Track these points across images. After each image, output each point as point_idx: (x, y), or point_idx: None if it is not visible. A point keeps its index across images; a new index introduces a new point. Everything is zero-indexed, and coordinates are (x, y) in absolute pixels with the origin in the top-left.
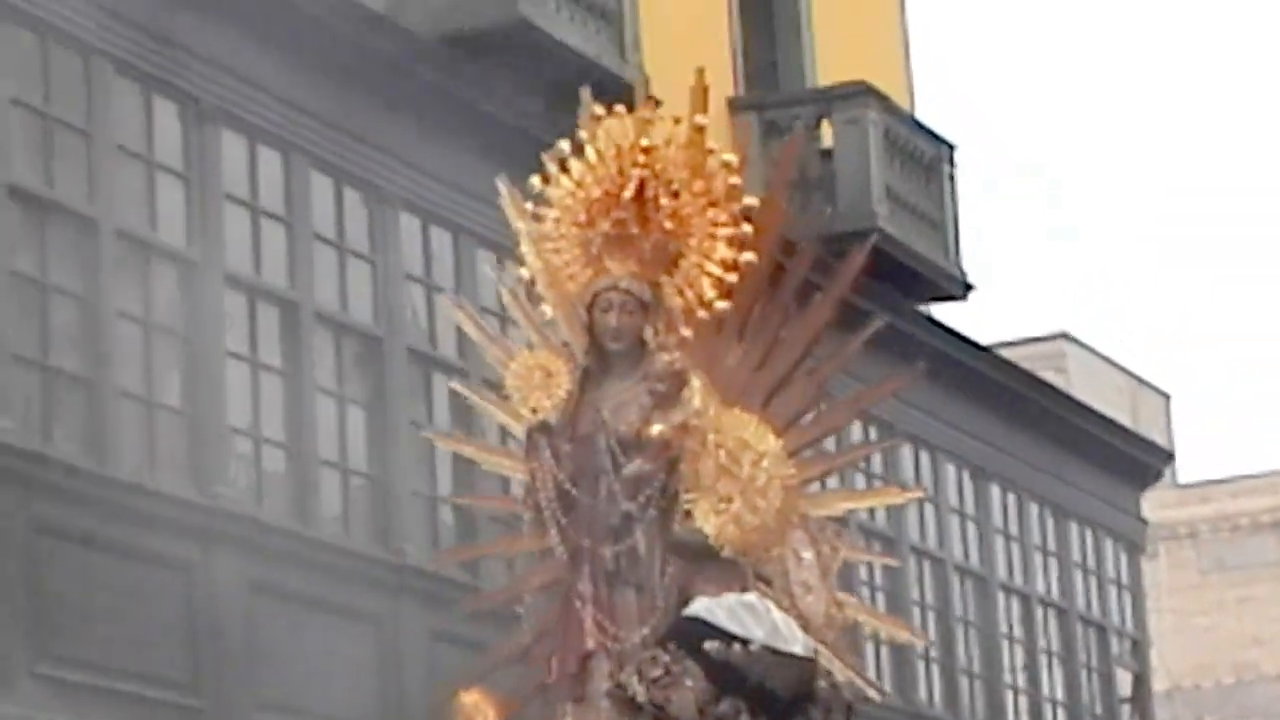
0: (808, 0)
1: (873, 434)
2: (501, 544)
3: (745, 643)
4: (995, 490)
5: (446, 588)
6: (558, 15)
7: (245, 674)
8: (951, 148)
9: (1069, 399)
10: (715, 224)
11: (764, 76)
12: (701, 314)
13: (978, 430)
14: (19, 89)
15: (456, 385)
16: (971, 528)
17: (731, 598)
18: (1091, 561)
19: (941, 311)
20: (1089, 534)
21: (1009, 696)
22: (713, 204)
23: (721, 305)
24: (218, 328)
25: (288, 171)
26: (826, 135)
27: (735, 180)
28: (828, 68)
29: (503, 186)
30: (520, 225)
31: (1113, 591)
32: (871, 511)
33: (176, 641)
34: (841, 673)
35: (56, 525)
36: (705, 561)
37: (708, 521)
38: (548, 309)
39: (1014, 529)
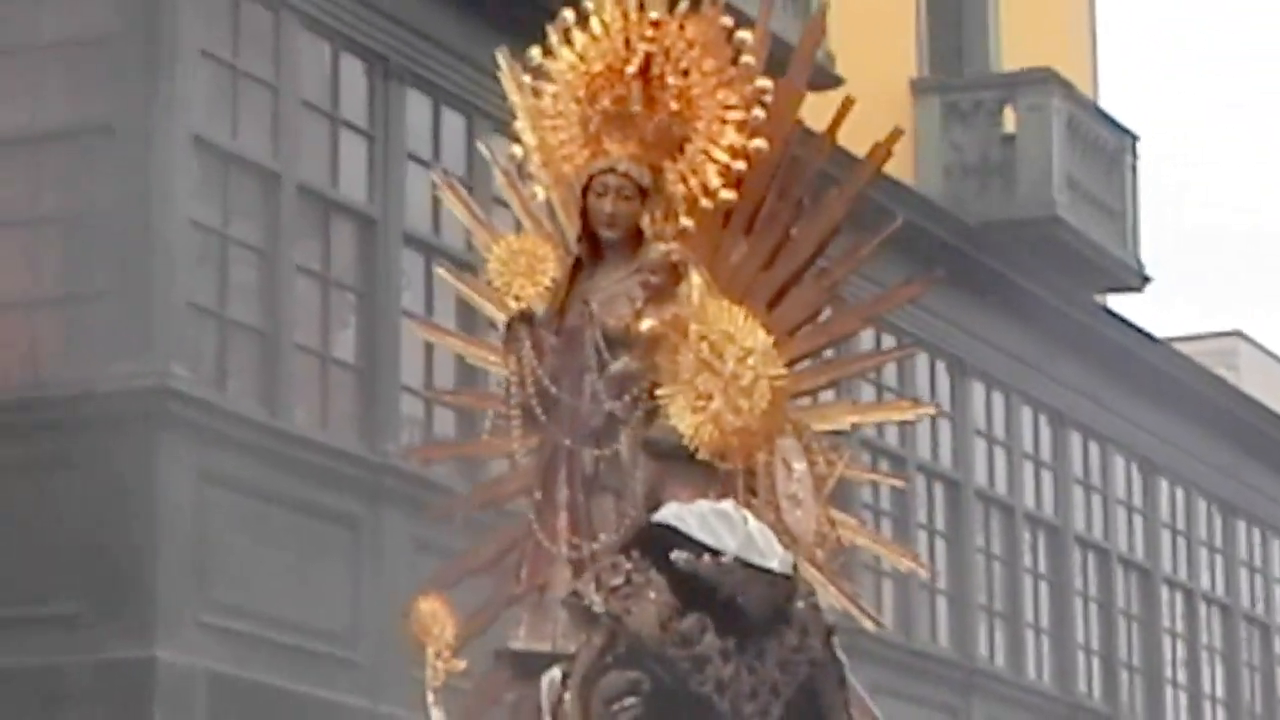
0: None
1: (1042, 421)
2: (481, 444)
3: (716, 554)
4: (1164, 484)
5: None
6: None
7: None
8: (1135, 138)
9: (1242, 395)
10: (725, 106)
11: (949, 60)
12: (705, 203)
13: (1148, 423)
14: (208, 40)
15: (442, 271)
16: (1139, 521)
17: (704, 504)
18: (1258, 559)
19: (1117, 302)
20: (1256, 532)
21: (1169, 691)
22: (724, 85)
23: (727, 195)
24: (395, 286)
25: (470, 134)
26: (1009, 120)
27: (750, 59)
28: (1013, 53)
29: (502, 59)
30: (517, 99)
31: (1278, 591)
32: (1038, 499)
33: (340, 596)
34: (836, 599)
35: (227, 475)
36: (678, 463)
37: (683, 419)
38: (539, 190)
39: (1181, 524)
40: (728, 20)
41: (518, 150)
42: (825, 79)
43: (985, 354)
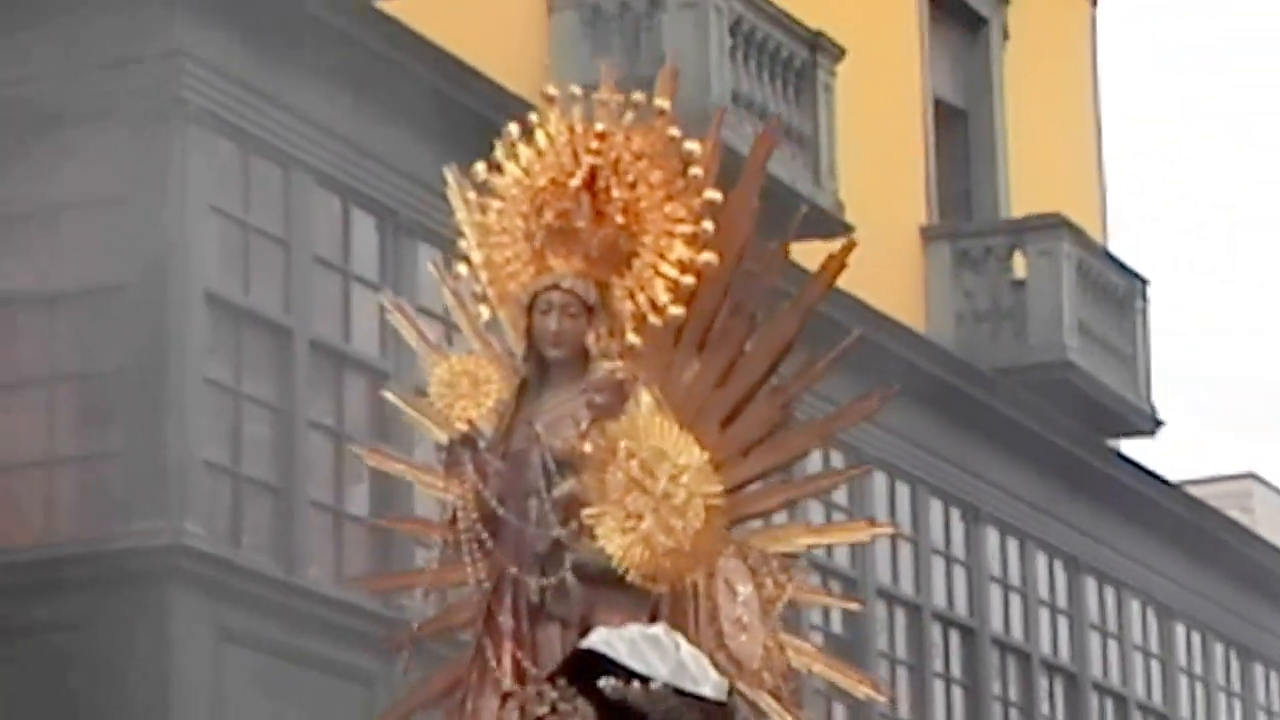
0: (1003, 130)
1: (1057, 567)
2: (430, 575)
3: (646, 681)
4: (1180, 629)
5: None
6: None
7: None
8: (1145, 282)
9: (1257, 539)
10: (674, 220)
11: (958, 206)
12: (653, 320)
13: (1164, 568)
14: (219, 197)
15: (387, 393)
16: (1155, 666)
17: (635, 629)
18: (1276, 704)
19: (1130, 446)
20: (1274, 676)
21: None
22: (672, 197)
23: (675, 311)
24: (408, 440)
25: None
26: (1019, 266)
27: (698, 171)
28: (1022, 198)
29: (450, 175)
30: (463, 216)
31: None
32: (1055, 645)
33: None
34: None
35: (243, 632)
36: (607, 587)
37: (611, 540)
38: (485, 310)
39: (1198, 669)
40: (675, 131)
41: (462, 268)
42: (834, 226)
43: (999, 500)
